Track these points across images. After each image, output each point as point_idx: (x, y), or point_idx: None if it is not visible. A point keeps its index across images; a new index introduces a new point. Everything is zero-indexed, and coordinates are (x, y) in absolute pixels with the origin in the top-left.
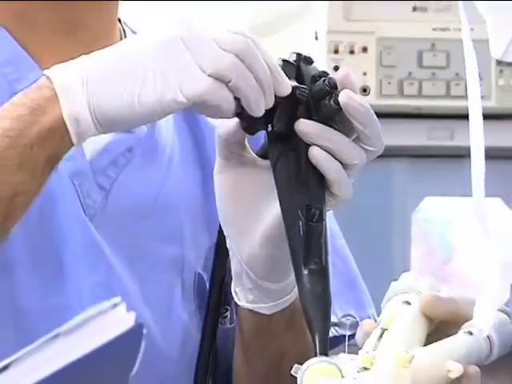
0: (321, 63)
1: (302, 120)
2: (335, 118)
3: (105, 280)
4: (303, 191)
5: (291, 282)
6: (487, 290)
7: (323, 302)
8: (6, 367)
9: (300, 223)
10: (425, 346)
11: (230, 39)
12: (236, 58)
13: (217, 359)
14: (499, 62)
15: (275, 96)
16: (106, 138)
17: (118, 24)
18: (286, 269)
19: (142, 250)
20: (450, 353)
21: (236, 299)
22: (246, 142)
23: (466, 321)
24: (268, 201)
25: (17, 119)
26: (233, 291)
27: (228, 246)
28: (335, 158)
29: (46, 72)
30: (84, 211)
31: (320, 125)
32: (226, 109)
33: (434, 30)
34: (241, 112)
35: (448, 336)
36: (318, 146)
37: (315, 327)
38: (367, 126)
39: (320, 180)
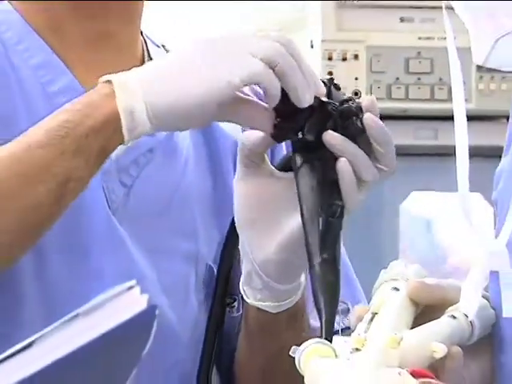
0: (316, 69)
1: (331, 132)
2: (358, 137)
3: (125, 269)
4: (325, 192)
5: (299, 284)
6: (471, 277)
7: (333, 288)
8: (29, 345)
9: (320, 219)
10: (412, 328)
11: (272, 36)
12: (282, 46)
13: (222, 345)
14: (479, 68)
15: (306, 108)
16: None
17: (141, 36)
18: (296, 272)
19: (160, 242)
20: (435, 335)
21: (244, 296)
22: (266, 156)
23: (450, 305)
24: (284, 210)
25: (75, 112)
26: (241, 288)
27: (240, 247)
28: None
29: (104, 77)
30: (108, 205)
31: (347, 139)
32: (274, 94)
33: (419, 38)
34: (278, 129)
35: (433, 319)
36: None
37: (324, 311)
38: (385, 148)
39: (338, 186)
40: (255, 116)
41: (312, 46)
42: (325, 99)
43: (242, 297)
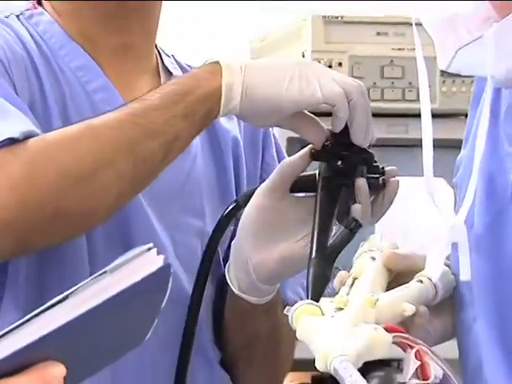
0: None
1: (364, 180)
2: (375, 191)
3: (150, 240)
4: (343, 211)
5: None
6: (435, 248)
7: (325, 280)
8: (65, 297)
9: (340, 234)
10: (386, 291)
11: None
12: (359, 86)
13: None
14: (443, 73)
15: (350, 152)
16: None
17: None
18: (282, 279)
19: (176, 220)
20: (405, 296)
21: (230, 284)
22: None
23: (418, 272)
24: (290, 227)
25: (185, 84)
26: (228, 278)
27: (237, 246)
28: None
29: (213, 59)
30: None
31: (367, 188)
32: (341, 118)
33: (392, 49)
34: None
35: (403, 284)
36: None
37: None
38: (389, 204)
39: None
40: (314, 130)
41: (303, 56)
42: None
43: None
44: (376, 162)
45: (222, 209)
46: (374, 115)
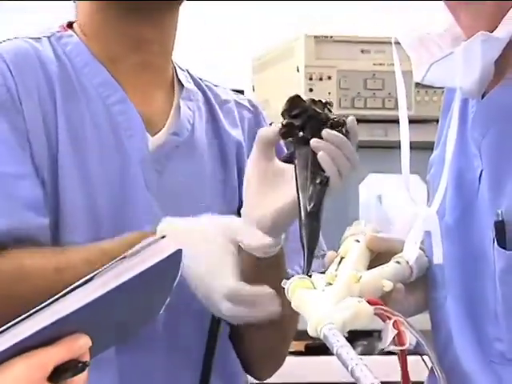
0: (300, 87)
1: (329, 130)
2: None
3: None
4: (316, 168)
5: (280, 239)
6: (412, 234)
7: (315, 232)
8: (91, 279)
9: (312, 186)
10: (368, 269)
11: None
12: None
13: None
14: (417, 85)
15: (309, 114)
16: (162, 138)
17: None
18: (281, 230)
19: (182, 214)
20: (385, 274)
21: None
22: (273, 150)
23: (395, 253)
24: (280, 187)
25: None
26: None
27: (244, 210)
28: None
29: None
30: (146, 185)
31: (340, 135)
32: None
33: (374, 64)
34: (286, 127)
35: (383, 264)
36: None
37: (305, 251)
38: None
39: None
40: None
41: (298, 70)
42: (327, 113)
43: None
44: (336, 121)
45: (225, 205)
46: (359, 121)
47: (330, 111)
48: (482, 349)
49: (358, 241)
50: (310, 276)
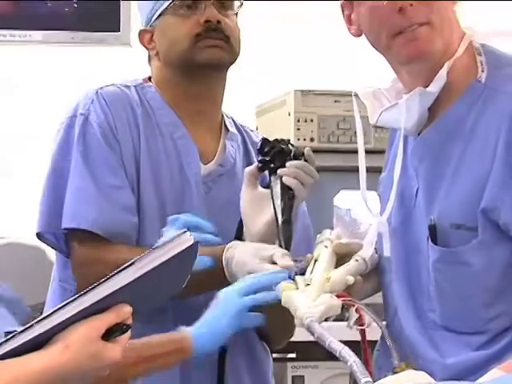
0: (291, 128)
1: (291, 161)
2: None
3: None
4: (285, 189)
5: None
6: (368, 237)
7: (289, 236)
8: (132, 263)
9: (282, 202)
10: (335, 267)
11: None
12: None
13: None
14: (374, 126)
15: (275, 150)
16: (211, 167)
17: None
18: (270, 240)
19: (221, 220)
20: (348, 271)
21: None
22: (257, 180)
23: (355, 253)
24: (264, 207)
25: None
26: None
27: (244, 228)
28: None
29: None
30: (198, 199)
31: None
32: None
33: (344, 111)
34: (261, 163)
35: (346, 262)
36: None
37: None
38: (314, 175)
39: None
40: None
41: (289, 115)
42: (290, 147)
43: None
44: (297, 153)
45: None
46: (333, 152)
47: (292, 145)
48: (419, 318)
49: (326, 246)
50: (294, 280)
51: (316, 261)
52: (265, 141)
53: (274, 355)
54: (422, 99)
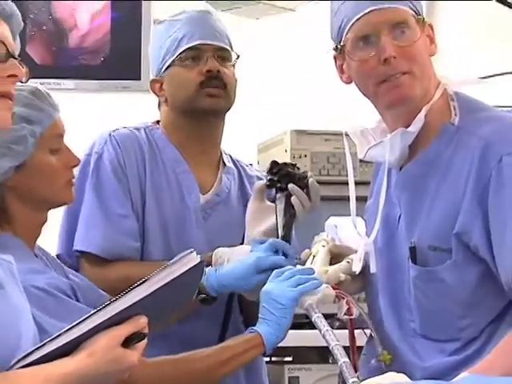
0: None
1: (293, 185)
2: (305, 189)
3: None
4: (288, 206)
5: None
6: (357, 253)
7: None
8: (145, 280)
9: (284, 218)
10: (330, 265)
11: None
12: None
13: None
14: (361, 160)
15: (282, 172)
16: (209, 197)
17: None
18: None
19: (219, 243)
20: (341, 270)
21: None
22: (264, 194)
23: (346, 256)
24: (268, 218)
25: None
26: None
27: (245, 233)
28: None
29: None
30: (197, 225)
31: (299, 189)
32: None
33: (334, 148)
34: (270, 181)
35: (339, 262)
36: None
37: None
38: (314, 195)
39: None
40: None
41: (286, 151)
42: (296, 171)
43: None
44: (301, 177)
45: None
46: (324, 183)
47: (298, 169)
48: (401, 327)
49: (324, 246)
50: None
51: (314, 256)
52: (274, 163)
53: (273, 359)
54: (404, 138)
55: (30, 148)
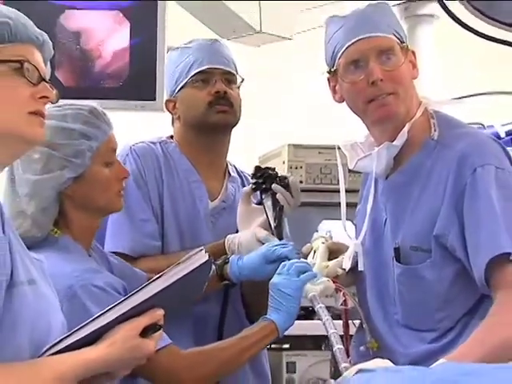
0: (285, 172)
1: (276, 185)
2: (287, 188)
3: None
4: (275, 203)
5: None
6: (348, 252)
7: (280, 237)
8: (161, 275)
9: (274, 212)
10: (328, 260)
11: None
12: None
13: None
14: (350, 170)
15: (265, 175)
16: (216, 203)
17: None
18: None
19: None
20: (338, 265)
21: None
22: (251, 197)
23: (342, 253)
24: (257, 217)
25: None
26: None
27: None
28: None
29: None
30: (207, 228)
31: (282, 188)
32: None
33: (326, 160)
34: (255, 184)
35: (334, 257)
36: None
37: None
38: (296, 193)
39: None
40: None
41: (284, 163)
42: (278, 172)
43: None
44: (282, 177)
45: None
46: (317, 191)
47: (277, 172)
48: (387, 319)
49: (323, 242)
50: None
51: (315, 251)
52: (257, 168)
53: (273, 346)
54: (389, 150)
55: (87, 161)
